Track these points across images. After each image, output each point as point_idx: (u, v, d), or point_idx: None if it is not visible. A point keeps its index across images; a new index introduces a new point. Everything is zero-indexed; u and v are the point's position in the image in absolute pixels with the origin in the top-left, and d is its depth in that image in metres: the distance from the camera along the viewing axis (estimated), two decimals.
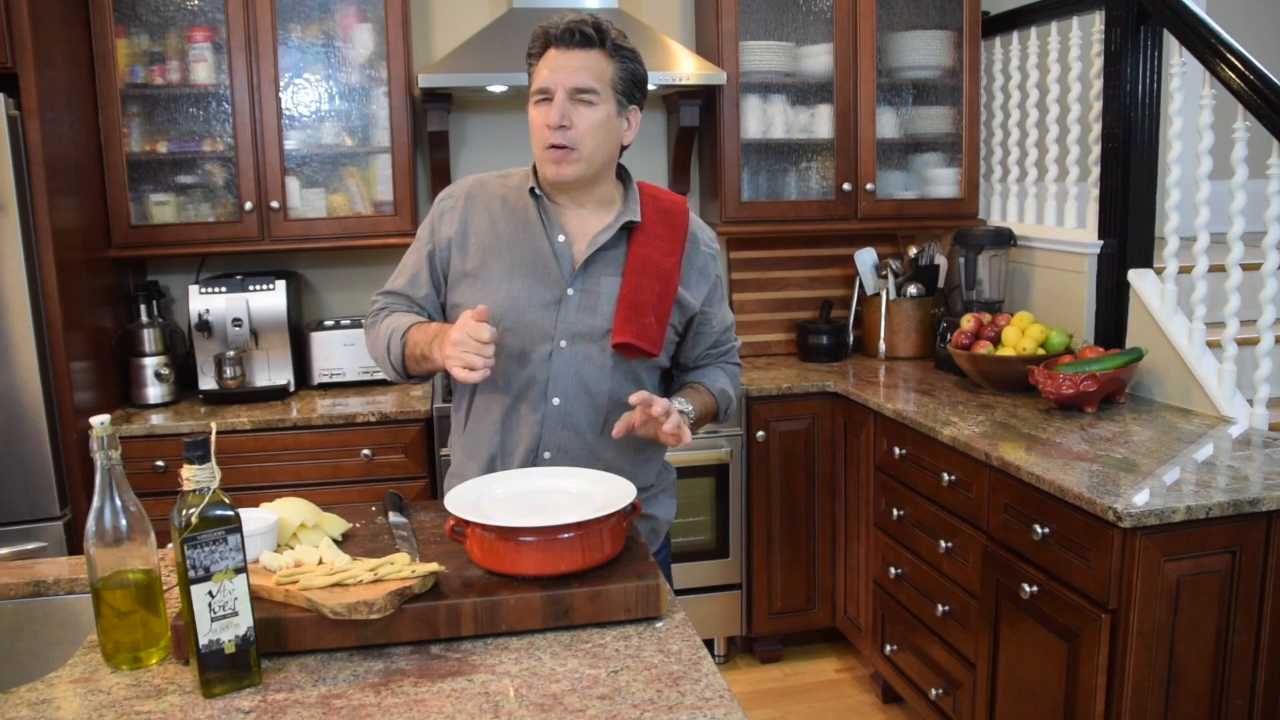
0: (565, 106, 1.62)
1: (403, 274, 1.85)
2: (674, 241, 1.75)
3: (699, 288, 1.80)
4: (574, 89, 1.62)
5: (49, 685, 1.29)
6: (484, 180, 1.81)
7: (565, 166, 1.65)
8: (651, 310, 1.70)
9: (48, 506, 2.65)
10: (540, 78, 1.65)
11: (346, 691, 1.24)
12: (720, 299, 1.86)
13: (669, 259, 1.73)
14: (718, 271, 1.85)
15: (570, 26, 1.63)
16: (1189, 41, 2.55)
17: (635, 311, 1.69)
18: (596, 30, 1.63)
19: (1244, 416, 2.47)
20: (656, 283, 1.71)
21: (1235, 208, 2.52)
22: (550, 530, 1.41)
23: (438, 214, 1.80)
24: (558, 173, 1.66)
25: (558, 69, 1.63)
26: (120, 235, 3.04)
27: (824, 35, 3.40)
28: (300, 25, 3.12)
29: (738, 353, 1.95)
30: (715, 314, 1.84)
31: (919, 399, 2.88)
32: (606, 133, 1.67)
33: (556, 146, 1.64)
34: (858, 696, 3.14)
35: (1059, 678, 2.11)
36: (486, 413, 1.77)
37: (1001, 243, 3.24)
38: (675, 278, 1.73)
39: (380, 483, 2.90)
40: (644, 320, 1.69)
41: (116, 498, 1.30)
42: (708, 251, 1.82)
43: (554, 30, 1.64)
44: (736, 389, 1.91)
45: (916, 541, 2.71)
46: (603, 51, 1.64)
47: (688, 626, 1.41)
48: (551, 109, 1.63)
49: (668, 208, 1.78)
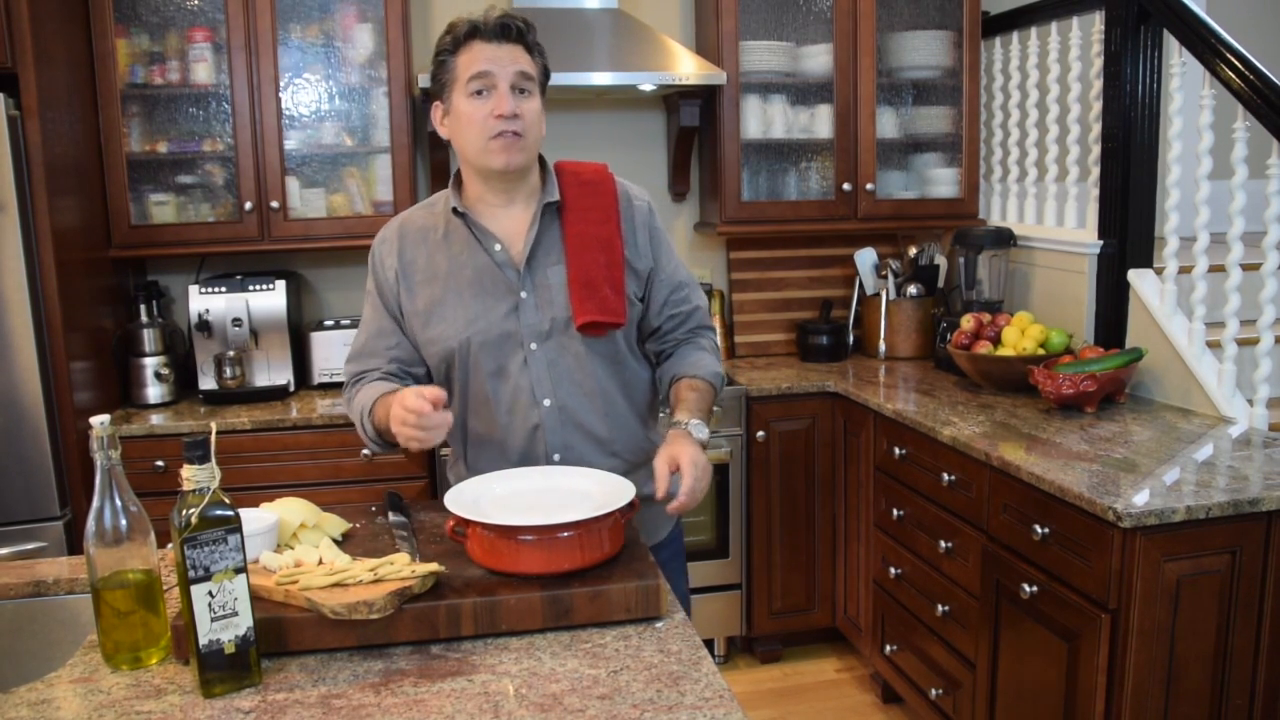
0: (508, 96, 1.64)
1: (362, 335, 1.82)
2: (606, 209, 1.75)
3: (644, 246, 1.78)
4: (519, 74, 1.65)
5: (49, 685, 1.29)
6: (409, 217, 1.82)
7: (515, 154, 1.66)
8: (605, 282, 1.70)
9: (48, 506, 2.65)
10: (475, 65, 1.65)
11: (346, 691, 1.24)
12: (666, 252, 1.81)
13: (605, 227, 1.73)
14: (656, 224, 1.81)
15: (504, 21, 1.65)
16: (1189, 41, 2.55)
17: (589, 289, 1.69)
18: (525, 25, 1.68)
19: (1244, 416, 2.47)
20: (601, 254, 1.71)
21: (1235, 208, 2.52)
22: (550, 529, 1.41)
23: (376, 259, 1.80)
24: (508, 160, 1.66)
25: (497, 60, 1.64)
26: (120, 235, 3.04)
27: (824, 35, 3.40)
28: (300, 25, 3.12)
29: (705, 314, 1.88)
30: (662, 267, 1.80)
31: (919, 399, 2.88)
32: (541, 122, 1.71)
33: (508, 134, 1.64)
34: (858, 696, 3.14)
35: (1059, 678, 2.11)
36: (488, 439, 1.78)
37: (1001, 243, 3.25)
38: (618, 243, 1.73)
39: (380, 483, 2.90)
40: (600, 295, 1.69)
41: (116, 498, 1.30)
42: (639, 205, 1.79)
43: (484, 24, 1.66)
44: (715, 361, 1.83)
45: (916, 541, 2.71)
46: (525, 46, 1.68)
47: (687, 626, 1.41)
48: (499, 98, 1.63)
49: (589, 179, 1.77)
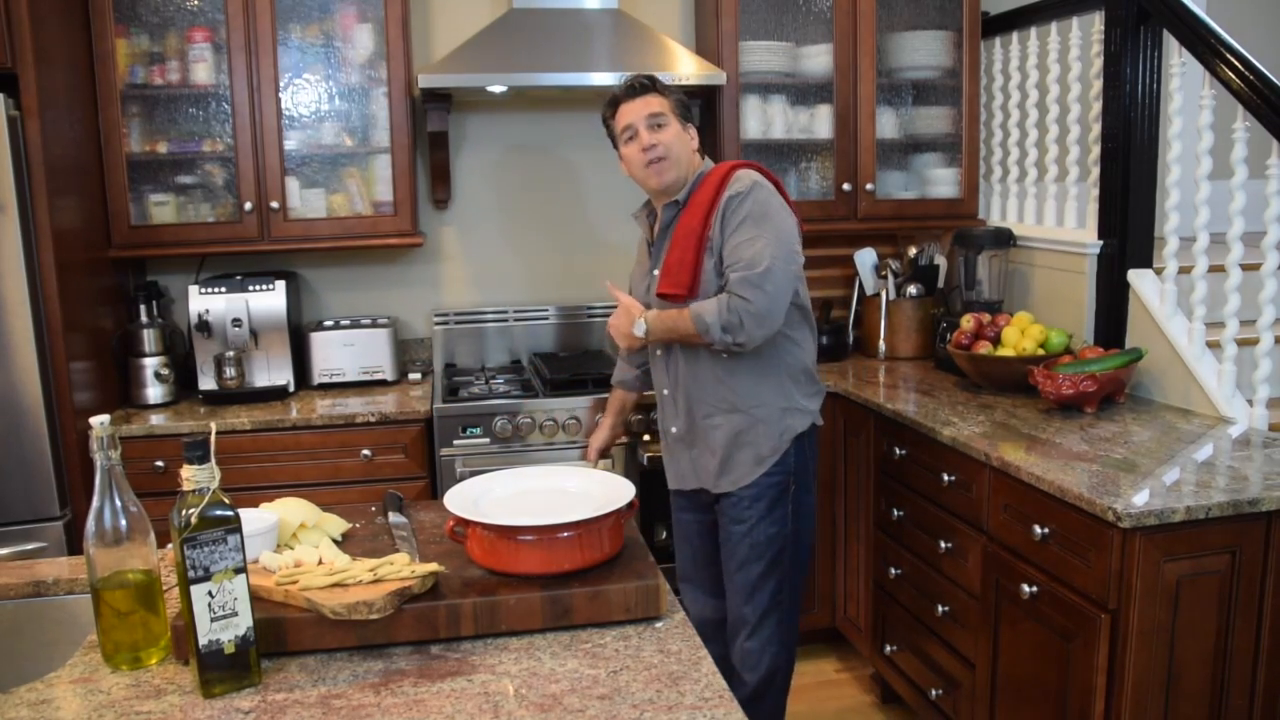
0: (647, 133, 2.23)
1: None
2: (708, 204, 2.22)
3: (719, 226, 2.20)
4: (650, 115, 2.24)
5: (49, 685, 1.29)
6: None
7: (665, 175, 2.26)
8: (684, 265, 2.21)
9: (48, 506, 2.65)
10: (623, 120, 2.27)
11: (346, 691, 1.24)
12: (734, 232, 2.18)
13: (700, 219, 2.21)
14: (738, 206, 2.18)
15: (631, 82, 2.27)
16: (1189, 41, 2.55)
17: (671, 270, 2.24)
18: (649, 79, 2.28)
19: (1244, 417, 2.47)
20: (691, 240, 2.21)
21: (1235, 208, 2.52)
22: (550, 529, 1.41)
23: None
24: (660, 181, 2.27)
25: (633, 112, 2.25)
26: (120, 235, 3.04)
27: (824, 35, 3.40)
28: (300, 25, 3.12)
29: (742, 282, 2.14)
30: (729, 242, 2.18)
31: (919, 399, 2.88)
32: (683, 139, 2.27)
33: (655, 161, 2.23)
34: (857, 696, 3.14)
35: (1059, 678, 2.11)
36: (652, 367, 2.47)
37: (1001, 243, 3.25)
38: (705, 232, 2.20)
39: (380, 483, 2.90)
40: (676, 274, 2.23)
41: (116, 498, 1.30)
42: (725, 198, 2.20)
43: (620, 90, 2.28)
44: (720, 315, 2.14)
45: (916, 542, 2.71)
46: (655, 93, 2.26)
47: (687, 626, 1.41)
48: (641, 136, 2.24)
49: (712, 178, 2.26)
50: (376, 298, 3.50)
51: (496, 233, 3.57)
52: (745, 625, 2.36)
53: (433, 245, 3.53)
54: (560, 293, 3.64)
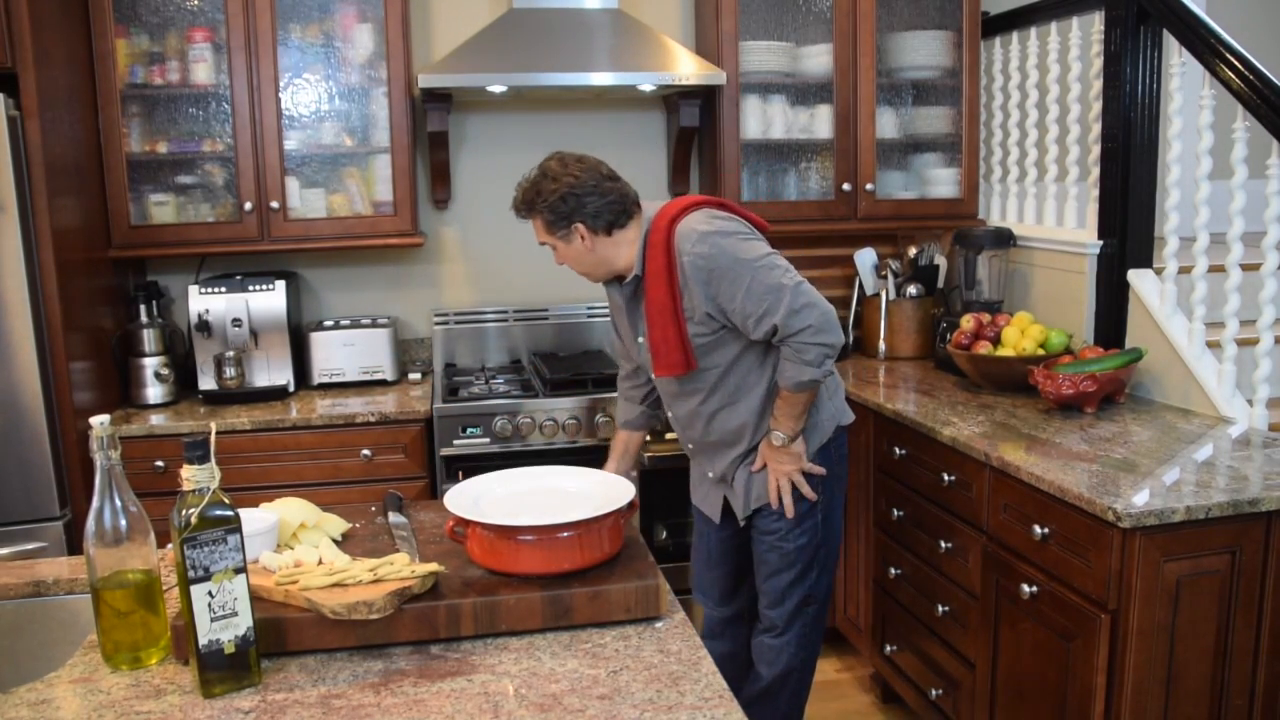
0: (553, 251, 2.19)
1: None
2: (669, 272, 2.10)
3: (697, 292, 2.09)
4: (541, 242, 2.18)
5: (49, 685, 1.29)
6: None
7: (594, 277, 2.23)
8: (668, 341, 2.13)
9: (48, 506, 2.65)
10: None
11: (346, 691, 1.24)
12: (729, 291, 2.07)
13: (665, 290, 2.11)
14: (706, 277, 2.07)
15: (514, 205, 2.16)
16: (1189, 41, 2.55)
17: (659, 350, 2.15)
18: (525, 202, 2.14)
19: (1244, 417, 2.47)
20: (666, 315, 2.12)
21: (1235, 208, 2.52)
22: (550, 529, 1.41)
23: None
24: (596, 280, 2.25)
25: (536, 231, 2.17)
26: (120, 235, 3.04)
27: (824, 35, 3.40)
28: (300, 25, 3.12)
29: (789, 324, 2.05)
30: (733, 307, 2.08)
31: (919, 399, 2.88)
32: (583, 253, 2.15)
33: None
34: (857, 697, 3.14)
35: (1059, 678, 2.12)
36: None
37: (1001, 243, 3.25)
38: (676, 304, 2.11)
39: (380, 483, 2.90)
40: (666, 354, 2.14)
41: (116, 498, 1.30)
42: (686, 261, 2.08)
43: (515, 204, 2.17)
44: (801, 363, 2.07)
45: (916, 541, 2.71)
46: (534, 213, 2.13)
47: (687, 626, 1.41)
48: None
49: (657, 240, 2.11)
50: (376, 298, 3.50)
51: (496, 233, 3.57)
52: (770, 625, 2.35)
53: (433, 245, 3.53)
54: (560, 293, 3.64)
